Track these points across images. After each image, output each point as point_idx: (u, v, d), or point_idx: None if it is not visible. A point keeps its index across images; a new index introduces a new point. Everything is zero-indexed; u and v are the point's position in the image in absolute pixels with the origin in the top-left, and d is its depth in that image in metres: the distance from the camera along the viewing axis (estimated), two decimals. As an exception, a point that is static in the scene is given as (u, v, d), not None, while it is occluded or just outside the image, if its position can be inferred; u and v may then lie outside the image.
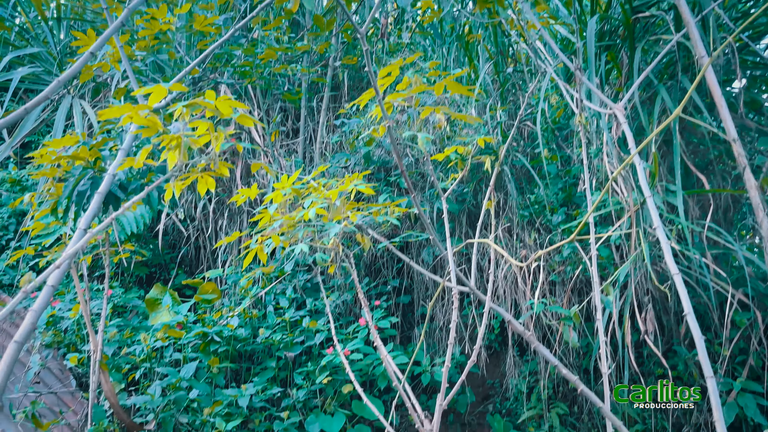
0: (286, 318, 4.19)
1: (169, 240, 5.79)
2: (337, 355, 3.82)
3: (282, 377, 4.07)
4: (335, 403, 3.86)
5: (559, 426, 3.89)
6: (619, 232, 3.20)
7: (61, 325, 4.17)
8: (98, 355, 3.10)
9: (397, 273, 4.75)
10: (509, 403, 4.21)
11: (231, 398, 3.48)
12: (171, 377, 3.49)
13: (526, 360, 4.21)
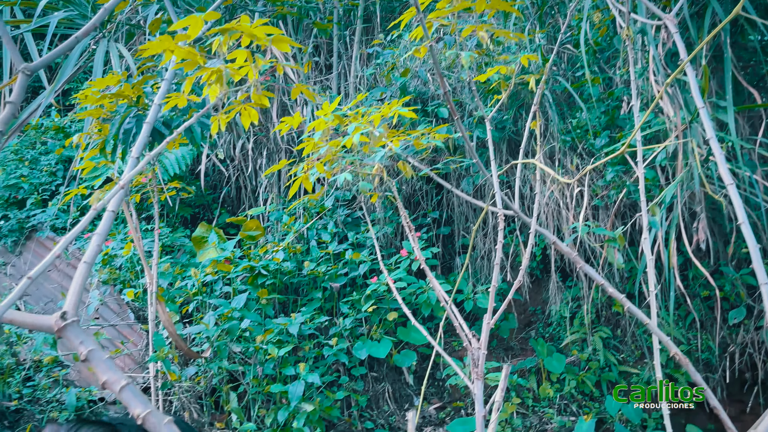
0: (329, 251, 4.27)
1: (210, 181, 5.90)
2: (381, 284, 3.90)
3: (328, 308, 4.19)
4: (381, 330, 3.98)
5: (602, 349, 3.94)
6: (671, 143, 3.13)
7: (115, 263, 4.34)
8: (154, 287, 3.23)
9: (436, 205, 4.77)
10: (552, 329, 4.26)
11: (281, 327, 3.61)
12: (223, 308, 3.63)
13: (568, 286, 4.23)
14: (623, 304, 2.63)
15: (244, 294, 3.75)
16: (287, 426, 3.28)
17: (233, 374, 3.66)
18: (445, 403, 3.95)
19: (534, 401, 3.84)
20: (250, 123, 5.47)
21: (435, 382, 4.15)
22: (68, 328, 1.61)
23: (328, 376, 3.70)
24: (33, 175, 5.84)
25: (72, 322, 1.61)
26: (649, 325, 2.62)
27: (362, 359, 3.85)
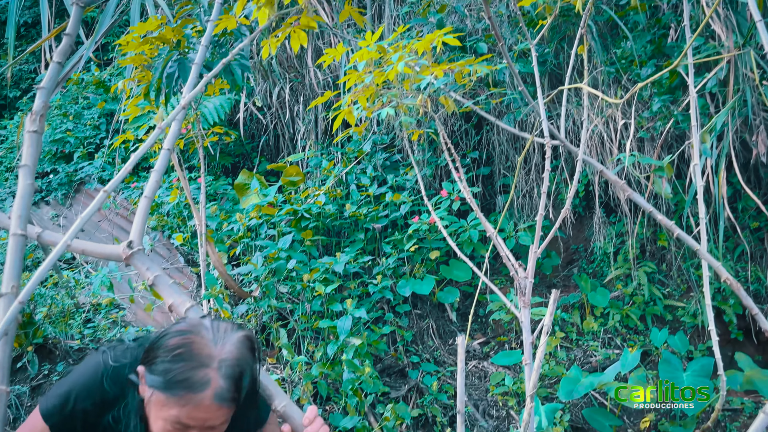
0: (369, 193, 4.31)
1: (249, 130, 5.95)
2: (423, 224, 3.93)
3: (370, 249, 4.25)
4: (423, 269, 4.03)
5: (647, 283, 3.92)
6: (723, 67, 3.02)
7: (163, 210, 4.47)
8: (203, 228, 3.32)
9: (476, 145, 4.73)
10: (595, 265, 4.25)
11: (326, 266, 3.69)
12: (269, 249, 3.72)
13: (612, 222, 4.19)
14: (672, 230, 2.60)
15: (289, 235, 3.83)
16: (336, 359, 3.39)
17: (282, 312, 3.78)
18: (489, 338, 4.01)
19: (578, 335, 3.87)
20: (285, 70, 5.44)
21: (478, 319, 4.21)
22: (135, 256, 1.67)
23: (373, 313, 3.79)
24: (78, 129, 5.98)
25: (138, 250, 1.67)
26: (699, 251, 2.59)
27: (406, 297, 3.92)
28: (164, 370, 1.21)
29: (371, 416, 3.27)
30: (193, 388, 1.19)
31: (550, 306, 2.33)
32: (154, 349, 1.26)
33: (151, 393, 1.23)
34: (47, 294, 3.79)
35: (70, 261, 4.83)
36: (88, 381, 1.34)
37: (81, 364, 1.38)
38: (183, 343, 1.23)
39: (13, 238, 1.13)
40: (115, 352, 1.37)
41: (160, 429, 1.23)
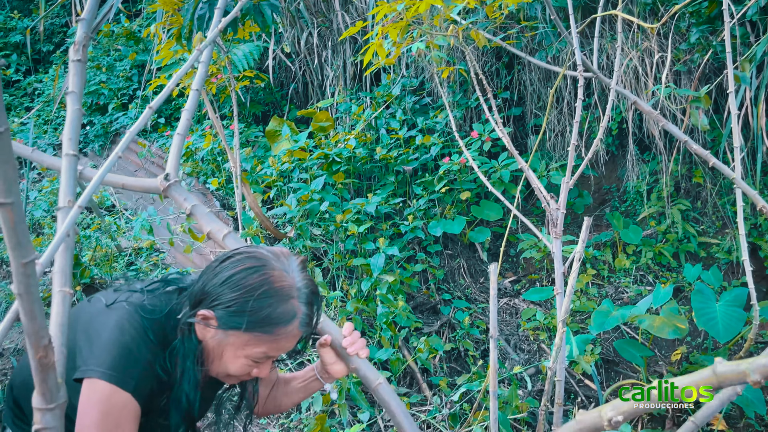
0: (399, 136, 4.32)
1: (278, 78, 5.97)
2: (453, 164, 3.94)
3: (401, 192, 4.29)
4: (454, 210, 4.06)
5: (681, 221, 3.89)
6: None
7: (197, 156, 4.56)
8: (238, 170, 3.39)
9: (507, 85, 4.67)
10: (627, 204, 4.22)
11: (358, 207, 3.75)
12: (302, 191, 3.79)
13: (645, 160, 4.13)
14: (708, 160, 2.57)
15: (321, 178, 3.89)
16: (370, 296, 3.48)
17: (315, 253, 3.87)
18: (520, 277, 4.06)
19: (610, 272, 3.89)
20: (312, 15, 5.38)
21: (509, 258, 4.25)
22: (171, 188, 1.73)
23: (405, 252, 3.85)
24: (111, 81, 6.07)
25: (174, 182, 1.73)
26: (735, 180, 2.56)
27: (437, 237, 3.97)
28: (251, 310, 1.19)
29: (405, 349, 3.37)
30: (284, 322, 1.20)
31: (582, 233, 2.35)
32: (223, 289, 1.21)
33: (228, 334, 1.21)
34: (92, 236, 3.94)
35: (110, 209, 4.99)
36: (132, 334, 1.21)
37: (110, 319, 1.23)
38: (263, 280, 1.20)
39: (66, 158, 1.19)
40: (144, 299, 1.27)
41: (239, 366, 1.24)
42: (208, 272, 1.26)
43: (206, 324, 1.21)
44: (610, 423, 1.23)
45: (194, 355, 1.23)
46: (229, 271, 1.22)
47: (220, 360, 1.24)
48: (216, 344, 1.23)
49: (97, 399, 1.13)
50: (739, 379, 1.01)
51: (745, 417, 2.85)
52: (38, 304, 0.98)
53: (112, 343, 1.17)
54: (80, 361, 1.17)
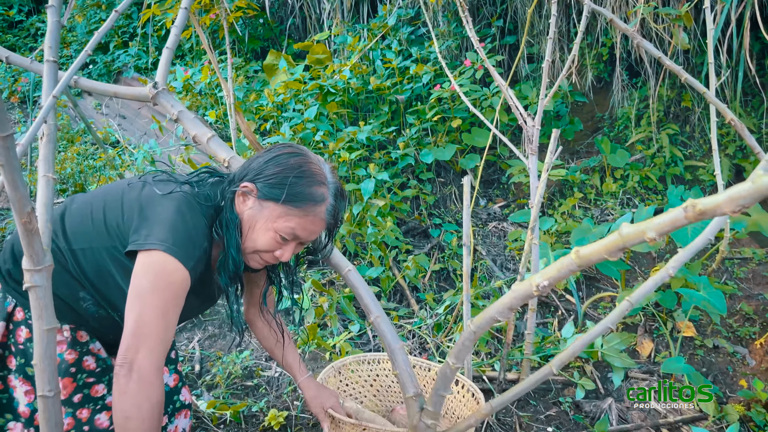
0: (393, 65, 4.37)
1: (276, 13, 5.97)
2: (444, 91, 4.00)
3: (396, 124, 4.37)
4: (446, 138, 4.15)
5: (669, 145, 3.95)
6: None
7: (196, 89, 4.65)
8: (231, 99, 3.49)
9: (501, 13, 4.67)
10: (618, 129, 4.28)
11: (351, 136, 3.85)
12: (296, 120, 3.89)
13: (636, 84, 4.16)
14: (680, 75, 2.63)
15: (315, 107, 3.98)
16: (363, 221, 3.62)
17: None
18: (509, 202, 4.18)
19: (597, 196, 3.99)
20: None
21: (500, 185, 4.35)
22: (160, 95, 1.84)
23: (397, 179, 3.97)
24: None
25: (162, 89, 1.84)
26: (705, 94, 2.63)
27: (429, 164, 4.08)
28: (290, 184, 1.31)
29: (395, 269, 3.54)
30: (315, 200, 1.33)
31: (551, 144, 2.46)
32: (267, 166, 1.34)
33: (264, 205, 1.33)
34: (96, 167, 4.10)
35: (115, 144, 5.13)
36: (192, 219, 1.31)
37: (169, 205, 1.30)
38: (303, 162, 1.35)
39: (47, 63, 1.32)
40: (196, 190, 1.37)
41: (267, 240, 1.35)
42: (252, 158, 1.41)
43: (246, 193, 1.35)
44: (538, 288, 1.38)
45: (235, 224, 1.35)
46: (273, 153, 1.38)
47: (252, 232, 1.36)
48: (250, 216, 1.35)
49: (160, 268, 1.23)
50: (639, 238, 1.15)
51: (712, 323, 3.00)
52: (19, 174, 1.13)
53: (174, 225, 1.26)
54: (135, 237, 1.27)
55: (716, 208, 1.04)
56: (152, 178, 1.43)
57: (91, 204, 1.42)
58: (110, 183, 1.51)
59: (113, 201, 1.39)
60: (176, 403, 1.70)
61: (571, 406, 2.61)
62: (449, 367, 1.57)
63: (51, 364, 1.20)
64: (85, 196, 1.48)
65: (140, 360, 1.20)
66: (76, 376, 1.44)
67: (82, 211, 1.41)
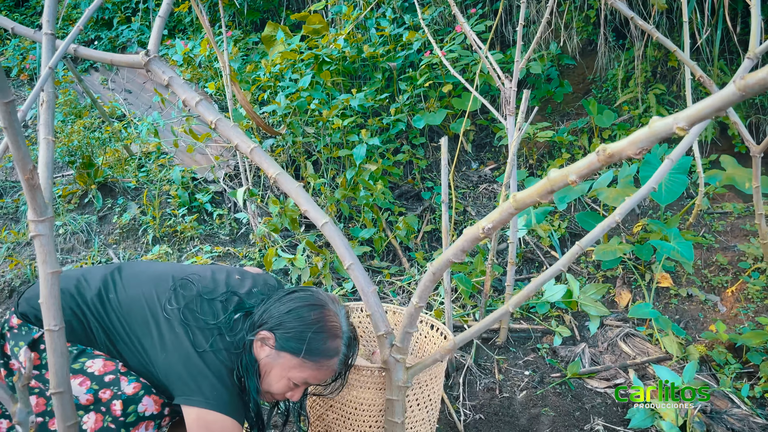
0: (386, 33, 4.47)
1: (275, -16, 6.05)
2: (434, 57, 4.10)
3: (390, 91, 4.49)
4: (437, 104, 4.26)
5: (656, 105, 4.04)
6: None
7: (195, 62, 4.79)
8: (227, 69, 3.63)
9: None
10: (608, 91, 4.36)
11: (344, 103, 3.98)
12: (292, 88, 4.03)
13: (623, 46, 4.23)
14: (653, 34, 2.73)
15: (309, 75, 4.11)
16: (357, 185, 3.78)
17: (308, 148, 4.16)
18: (500, 164, 4.30)
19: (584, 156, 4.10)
20: None
21: (491, 149, 4.48)
22: (152, 62, 1.98)
23: (391, 144, 4.11)
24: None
25: (154, 57, 1.99)
26: (676, 52, 2.73)
27: (421, 129, 4.20)
28: (308, 340, 1.46)
29: (388, 230, 3.70)
30: (329, 355, 1.51)
31: (522, 104, 2.58)
32: (287, 318, 1.49)
33: (281, 355, 1.47)
34: (102, 138, 4.28)
35: (121, 118, 5.30)
36: (230, 371, 1.45)
37: (209, 360, 1.43)
38: (321, 318, 1.51)
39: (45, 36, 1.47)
40: (223, 339, 1.48)
41: (282, 386, 1.51)
42: (272, 300, 1.54)
43: (263, 343, 1.48)
44: (483, 230, 1.55)
45: (254, 368, 1.49)
46: (294, 303, 1.53)
47: (267, 376, 1.51)
48: (267, 362, 1.50)
49: (220, 427, 1.40)
50: (564, 181, 1.31)
51: (686, 274, 3.14)
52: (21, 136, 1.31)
53: (222, 386, 1.42)
54: (182, 388, 1.42)
55: (622, 150, 1.20)
56: (184, 312, 1.51)
57: (128, 317, 1.53)
58: (144, 283, 1.61)
59: (147, 329, 1.50)
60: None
61: (548, 351, 2.78)
62: (414, 306, 1.75)
63: (56, 303, 1.38)
64: (123, 289, 1.58)
65: None
66: None
67: (120, 316, 1.53)
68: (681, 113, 1.07)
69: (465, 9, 4.76)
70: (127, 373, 1.51)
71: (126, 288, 1.58)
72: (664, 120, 1.10)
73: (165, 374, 1.47)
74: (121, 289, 1.57)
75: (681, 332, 2.65)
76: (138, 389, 1.50)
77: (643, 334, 2.72)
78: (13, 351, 1.53)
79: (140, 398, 1.51)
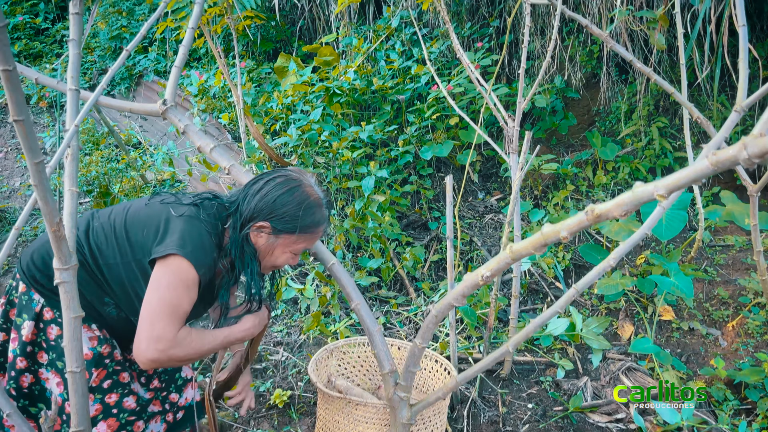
0: (395, 66, 4.59)
1: (287, 16, 6.22)
2: (441, 91, 4.21)
3: (398, 122, 4.60)
4: (444, 135, 4.36)
5: (658, 138, 4.12)
6: None
7: (210, 93, 4.93)
8: (241, 104, 3.76)
9: (498, 14, 4.85)
10: (609, 123, 4.45)
11: (354, 135, 4.09)
12: (303, 121, 4.15)
13: (626, 80, 4.33)
14: (651, 76, 2.82)
15: (320, 108, 4.23)
16: (365, 215, 3.87)
17: (318, 179, 4.26)
18: (506, 195, 4.38)
19: (589, 188, 4.17)
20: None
21: (498, 179, 4.56)
22: (169, 111, 2.10)
23: (398, 175, 4.21)
24: (132, 25, 6.43)
25: (171, 106, 2.10)
26: (674, 94, 2.82)
27: (428, 160, 4.30)
28: (300, 218, 1.61)
29: (395, 260, 3.79)
30: (320, 223, 1.69)
31: (524, 144, 2.67)
32: (276, 205, 1.61)
33: (279, 237, 1.63)
34: (119, 169, 4.41)
35: (137, 145, 5.45)
36: (203, 235, 1.57)
37: (182, 223, 1.56)
38: (305, 195, 1.65)
39: (70, 92, 1.58)
40: (202, 213, 1.62)
41: (286, 258, 1.69)
42: (252, 193, 1.67)
43: (260, 231, 1.63)
44: (482, 278, 1.63)
45: (254, 255, 1.66)
46: (277, 191, 1.65)
47: (270, 256, 1.68)
48: (268, 245, 1.65)
49: (176, 268, 1.50)
50: (556, 236, 1.40)
51: (688, 308, 3.19)
52: (49, 192, 1.41)
53: (188, 235, 1.54)
54: (156, 249, 1.54)
55: (608, 212, 1.29)
56: (164, 200, 1.70)
57: (113, 223, 1.69)
58: (126, 202, 1.78)
59: (133, 218, 1.67)
60: (178, 380, 1.98)
61: (551, 384, 2.84)
62: (416, 347, 1.83)
63: (78, 345, 1.47)
64: (106, 214, 1.74)
65: (159, 331, 1.47)
66: (107, 365, 1.71)
67: (105, 230, 1.68)
68: (660, 182, 1.15)
69: (472, 42, 4.88)
70: None
71: (112, 209, 1.75)
72: (645, 187, 1.18)
73: (149, 247, 1.58)
74: (102, 215, 1.73)
75: (682, 367, 2.70)
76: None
77: (645, 368, 2.77)
78: (15, 321, 1.68)
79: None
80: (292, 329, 3.36)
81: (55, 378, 1.70)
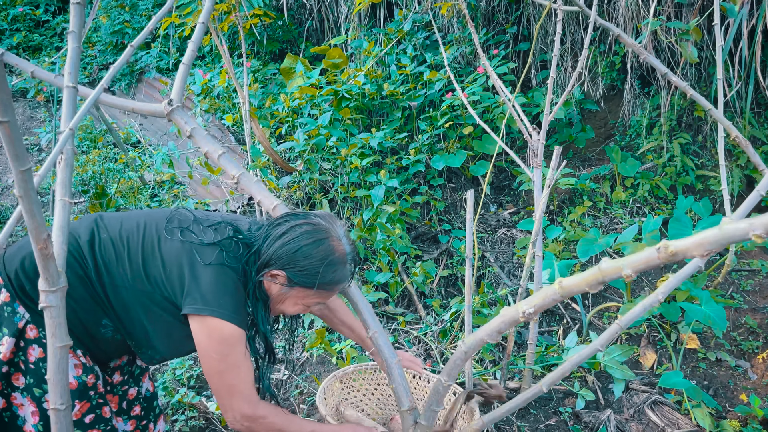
0: (407, 71, 4.42)
1: (295, 15, 6.05)
2: (455, 99, 4.04)
3: (409, 129, 4.43)
4: (457, 145, 4.19)
5: (680, 154, 3.95)
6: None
7: (214, 93, 4.75)
8: (246, 105, 3.58)
9: (516, 20, 4.69)
10: (629, 138, 4.28)
11: (363, 142, 3.92)
12: (310, 125, 3.97)
13: (648, 93, 4.17)
14: (686, 91, 2.66)
15: (328, 113, 4.05)
16: (373, 226, 3.69)
17: (324, 185, 4.09)
18: (519, 209, 4.21)
19: (607, 204, 4.01)
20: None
21: (511, 192, 4.39)
22: (174, 112, 1.92)
23: (409, 185, 4.03)
24: (134, 20, 6.25)
25: (177, 107, 1.92)
26: (711, 111, 2.65)
27: (440, 170, 4.13)
28: (321, 275, 1.50)
29: (404, 274, 3.61)
30: (342, 281, 1.57)
31: (552, 161, 2.50)
32: (296, 256, 1.49)
33: (294, 289, 1.53)
34: (116, 169, 4.22)
35: (136, 144, 5.27)
36: (236, 286, 1.50)
37: (212, 273, 1.47)
38: (329, 250, 1.51)
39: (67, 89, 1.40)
40: (227, 257, 1.51)
41: (296, 309, 1.60)
42: (274, 237, 1.52)
43: (273, 280, 1.52)
44: (524, 314, 1.45)
45: (265, 303, 1.57)
46: (300, 241, 1.51)
47: (281, 305, 1.58)
48: (280, 293, 1.55)
49: (220, 334, 1.45)
50: (617, 274, 1.22)
51: (714, 337, 3.02)
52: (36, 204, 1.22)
53: (223, 294, 1.46)
54: (186, 298, 1.46)
55: (686, 250, 1.11)
56: (184, 237, 1.53)
57: (127, 243, 1.52)
58: (137, 215, 1.62)
59: (151, 249, 1.52)
60: (156, 409, 1.83)
61: (571, 416, 2.66)
62: (441, 384, 1.65)
63: (63, 379, 1.29)
64: (116, 228, 1.57)
65: (237, 407, 1.49)
66: (91, 397, 1.54)
67: (117, 248, 1.52)
68: (757, 219, 0.98)
69: (487, 50, 4.71)
70: None
71: (121, 221, 1.60)
72: (737, 224, 1.01)
73: (170, 289, 1.49)
74: (111, 227, 1.58)
75: (712, 403, 2.52)
76: None
77: (672, 402, 2.60)
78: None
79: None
80: (294, 345, 3.18)
81: (31, 406, 1.52)
